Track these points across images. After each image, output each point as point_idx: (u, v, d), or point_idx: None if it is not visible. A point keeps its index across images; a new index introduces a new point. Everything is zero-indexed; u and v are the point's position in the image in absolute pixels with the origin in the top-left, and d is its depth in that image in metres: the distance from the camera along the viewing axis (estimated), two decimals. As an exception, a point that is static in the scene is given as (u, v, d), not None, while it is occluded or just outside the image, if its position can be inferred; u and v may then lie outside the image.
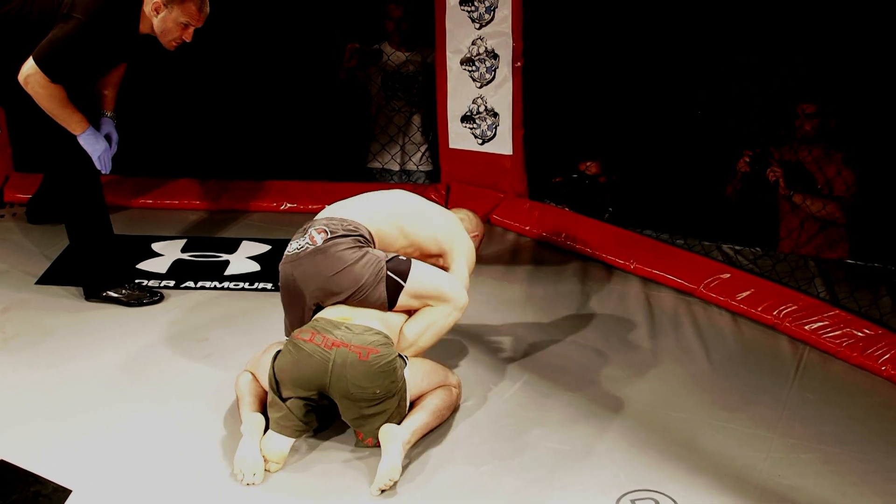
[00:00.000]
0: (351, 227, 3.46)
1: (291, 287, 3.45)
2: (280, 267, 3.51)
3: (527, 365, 3.87)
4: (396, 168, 5.73)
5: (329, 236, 3.41)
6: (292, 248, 3.47)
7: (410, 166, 5.76)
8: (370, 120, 5.78)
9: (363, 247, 3.42)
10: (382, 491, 3.06)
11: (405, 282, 3.40)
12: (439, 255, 3.66)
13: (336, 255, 3.37)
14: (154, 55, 4.20)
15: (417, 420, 3.28)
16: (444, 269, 3.63)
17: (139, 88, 5.89)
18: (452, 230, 3.69)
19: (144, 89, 5.94)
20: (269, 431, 3.21)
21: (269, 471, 3.14)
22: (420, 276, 3.45)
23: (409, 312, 3.49)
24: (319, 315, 3.38)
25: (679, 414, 3.57)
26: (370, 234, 3.50)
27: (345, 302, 3.40)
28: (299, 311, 3.47)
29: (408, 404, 3.31)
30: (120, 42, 3.97)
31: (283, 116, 6.03)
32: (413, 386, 3.32)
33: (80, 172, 4.11)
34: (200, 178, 5.53)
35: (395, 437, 3.14)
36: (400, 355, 3.32)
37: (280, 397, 3.24)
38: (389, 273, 3.39)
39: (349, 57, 5.62)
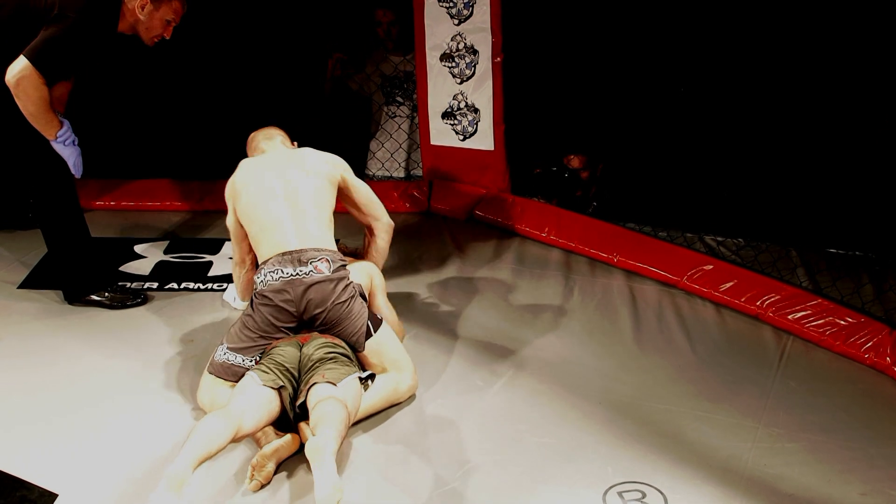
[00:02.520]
0: (337, 256, 3.61)
1: (286, 309, 3.49)
2: (270, 292, 3.49)
3: (511, 360, 3.88)
4: (402, 174, 5.70)
5: (332, 266, 3.54)
6: (286, 273, 3.50)
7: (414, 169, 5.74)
8: (367, 125, 5.76)
9: (350, 282, 3.59)
10: None
11: (375, 332, 3.55)
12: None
13: (342, 288, 3.53)
14: (136, 56, 4.19)
15: (336, 420, 3.10)
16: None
17: (122, 89, 5.91)
18: (328, 162, 3.86)
19: (127, 91, 5.94)
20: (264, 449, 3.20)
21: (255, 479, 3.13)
22: (389, 338, 3.61)
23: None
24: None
25: (664, 406, 3.59)
26: (335, 248, 3.67)
27: (324, 332, 3.52)
28: (272, 330, 3.51)
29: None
30: (104, 40, 3.95)
31: (266, 118, 6.01)
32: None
33: (54, 177, 4.08)
34: (182, 180, 5.51)
35: (322, 452, 2.95)
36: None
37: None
38: (368, 322, 3.55)
39: (333, 66, 5.62)
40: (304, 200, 3.67)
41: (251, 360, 3.45)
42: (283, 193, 3.68)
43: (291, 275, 3.49)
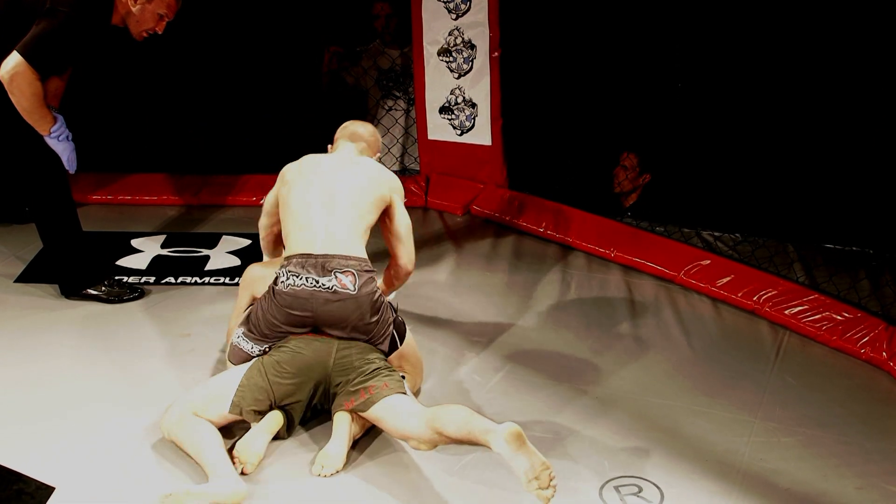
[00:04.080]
0: (365, 266, 3.43)
1: (303, 320, 3.36)
2: (290, 297, 3.35)
3: (509, 354, 3.88)
4: (395, 167, 5.70)
5: (359, 282, 3.37)
6: (309, 282, 3.35)
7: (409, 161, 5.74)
8: (363, 118, 5.75)
9: (380, 295, 3.45)
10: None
11: (401, 343, 3.49)
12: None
13: (366, 304, 3.38)
14: (132, 49, 4.18)
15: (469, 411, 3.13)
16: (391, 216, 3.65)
17: (119, 83, 5.91)
18: (383, 181, 3.67)
19: (124, 84, 5.94)
20: (247, 434, 3.20)
21: (245, 473, 3.12)
22: (410, 342, 3.55)
23: None
24: None
25: (661, 400, 3.59)
26: (366, 255, 3.50)
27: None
28: (289, 333, 3.41)
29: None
30: (98, 34, 3.94)
31: (263, 111, 6.02)
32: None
33: (48, 172, 4.07)
34: (179, 174, 5.51)
35: (523, 436, 2.93)
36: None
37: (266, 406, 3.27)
38: (394, 332, 3.47)
39: (329, 59, 5.61)
40: (344, 205, 3.50)
41: (260, 350, 3.40)
42: (326, 193, 3.51)
43: (314, 284, 3.34)
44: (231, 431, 3.29)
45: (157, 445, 3.27)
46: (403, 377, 3.42)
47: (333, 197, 3.50)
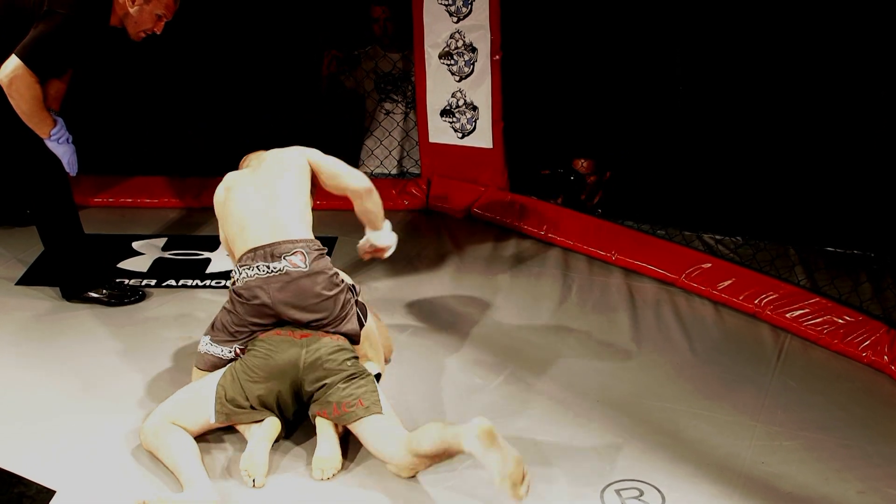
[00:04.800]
0: (314, 245, 3.47)
1: (263, 309, 3.39)
2: (245, 290, 3.39)
3: (509, 357, 3.88)
4: (394, 171, 5.70)
5: (308, 259, 3.41)
6: (261, 270, 3.39)
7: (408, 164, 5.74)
8: (362, 122, 5.76)
9: (335, 272, 3.48)
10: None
11: (365, 320, 3.50)
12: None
13: (320, 280, 3.40)
14: (132, 51, 4.18)
15: (440, 426, 3.10)
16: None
17: (119, 85, 5.92)
18: (293, 152, 3.78)
19: (124, 87, 5.95)
20: (248, 447, 3.18)
21: (256, 486, 3.10)
22: (369, 322, 3.56)
23: None
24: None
25: (662, 403, 3.59)
26: (313, 235, 3.55)
27: (313, 326, 3.42)
28: (256, 328, 3.43)
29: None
30: (97, 35, 3.94)
31: (263, 112, 6.03)
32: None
33: (48, 175, 4.07)
34: (180, 176, 5.51)
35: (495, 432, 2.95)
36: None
37: (248, 405, 3.26)
38: (358, 311, 3.48)
39: (328, 63, 5.61)
40: (277, 192, 3.57)
41: (230, 352, 3.42)
42: (256, 188, 3.60)
43: (266, 272, 3.38)
44: (220, 438, 3.30)
45: (157, 448, 3.27)
46: (378, 375, 3.41)
47: (268, 188, 3.59)
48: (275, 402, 3.28)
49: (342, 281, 3.49)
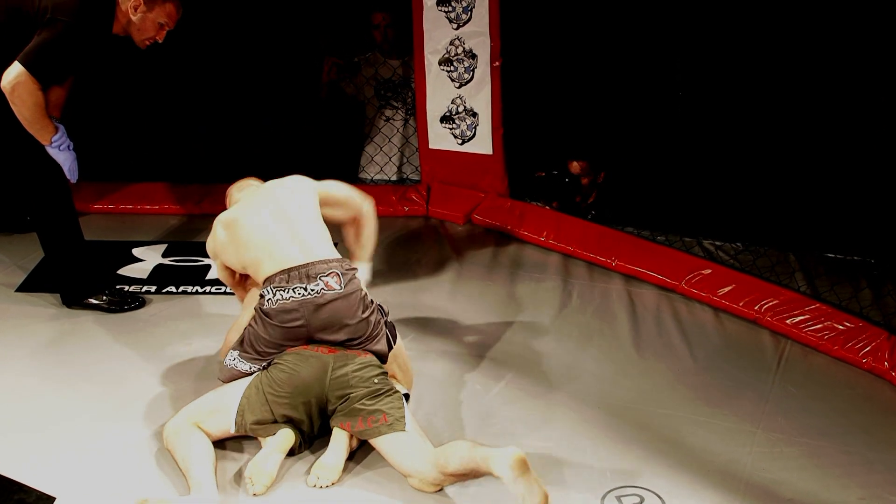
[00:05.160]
0: (345, 265, 3.44)
1: (298, 331, 3.36)
2: (281, 313, 3.34)
3: (510, 363, 3.88)
4: (394, 177, 5.70)
5: (343, 280, 3.38)
6: (297, 293, 3.35)
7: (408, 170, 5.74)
8: (362, 128, 5.77)
9: (366, 293, 3.45)
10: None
11: (395, 341, 3.48)
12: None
13: (356, 301, 3.38)
14: (133, 58, 4.18)
15: (469, 445, 3.09)
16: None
17: (120, 92, 5.92)
18: (306, 181, 3.72)
19: (124, 93, 5.95)
20: (259, 454, 3.17)
21: (256, 494, 3.09)
22: (399, 344, 3.53)
23: None
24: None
25: (663, 410, 3.59)
26: (339, 256, 3.52)
27: (344, 344, 3.39)
28: (285, 348, 3.40)
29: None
30: (99, 43, 3.95)
31: (263, 118, 6.03)
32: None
33: (49, 182, 4.08)
34: (181, 183, 5.51)
35: (528, 465, 2.94)
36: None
37: (270, 419, 3.24)
38: (387, 332, 3.46)
39: (328, 70, 5.62)
40: (298, 215, 3.53)
41: (258, 368, 3.38)
42: (270, 213, 3.52)
43: (302, 294, 3.34)
44: (240, 446, 3.30)
45: (157, 455, 3.27)
46: (407, 395, 3.38)
47: (284, 212, 3.53)
48: (299, 418, 3.25)
49: (372, 301, 3.47)
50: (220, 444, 3.26)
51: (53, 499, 3.05)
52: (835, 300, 4.19)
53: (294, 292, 3.35)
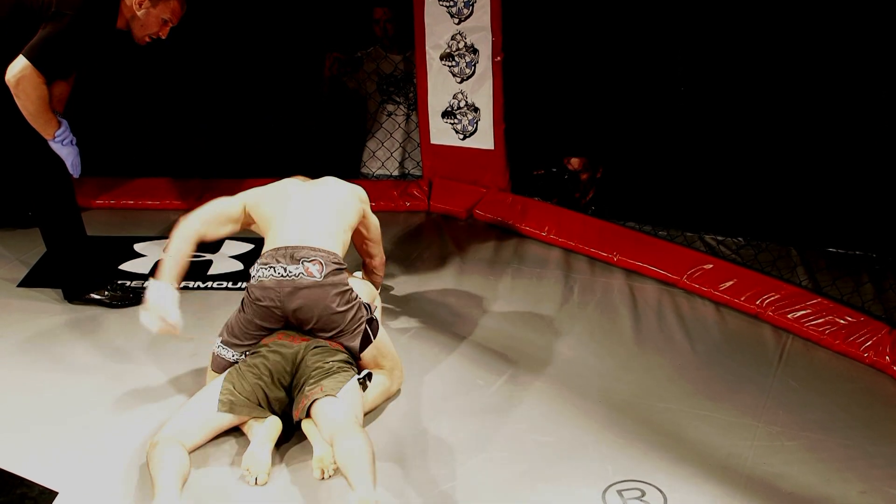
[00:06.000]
0: (333, 259, 3.47)
1: (272, 311, 3.40)
2: (258, 290, 3.41)
3: (511, 358, 3.88)
4: (396, 172, 5.71)
5: (325, 270, 3.41)
6: (277, 272, 3.40)
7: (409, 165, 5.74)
8: (364, 123, 5.77)
9: (349, 289, 3.46)
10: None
11: (374, 337, 3.48)
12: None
13: (332, 294, 3.40)
14: (136, 53, 4.18)
15: (365, 462, 2.99)
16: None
17: (122, 87, 5.93)
18: (355, 191, 3.83)
19: (127, 89, 5.96)
20: (250, 446, 3.18)
21: (258, 484, 3.10)
22: (384, 336, 3.55)
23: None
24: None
25: (664, 404, 3.59)
26: (340, 254, 3.55)
27: (319, 337, 3.43)
28: (262, 332, 3.45)
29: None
30: (103, 37, 3.95)
31: (265, 113, 6.04)
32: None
33: (52, 177, 4.08)
34: (182, 178, 5.51)
35: None
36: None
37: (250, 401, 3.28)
38: (367, 328, 3.46)
39: (330, 65, 5.62)
40: (322, 207, 3.62)
41: (241, 355, 3.43)
42: (300, 196, 3.66)
43: (282, 274, 3.39)
44: (228, 448, 3.30)
45: (160, 450, 3.27)
46: (370, 374, 3.37)
47: (312, 202, 3.65)
48: (275, 402, 3.30)
49: (356, 297, 3.48)
50: (207, 445, 3.26)
51: (56, 493, 3.05)
52: (836, 295, 4.19)
53: (275, 271, 3.41)
